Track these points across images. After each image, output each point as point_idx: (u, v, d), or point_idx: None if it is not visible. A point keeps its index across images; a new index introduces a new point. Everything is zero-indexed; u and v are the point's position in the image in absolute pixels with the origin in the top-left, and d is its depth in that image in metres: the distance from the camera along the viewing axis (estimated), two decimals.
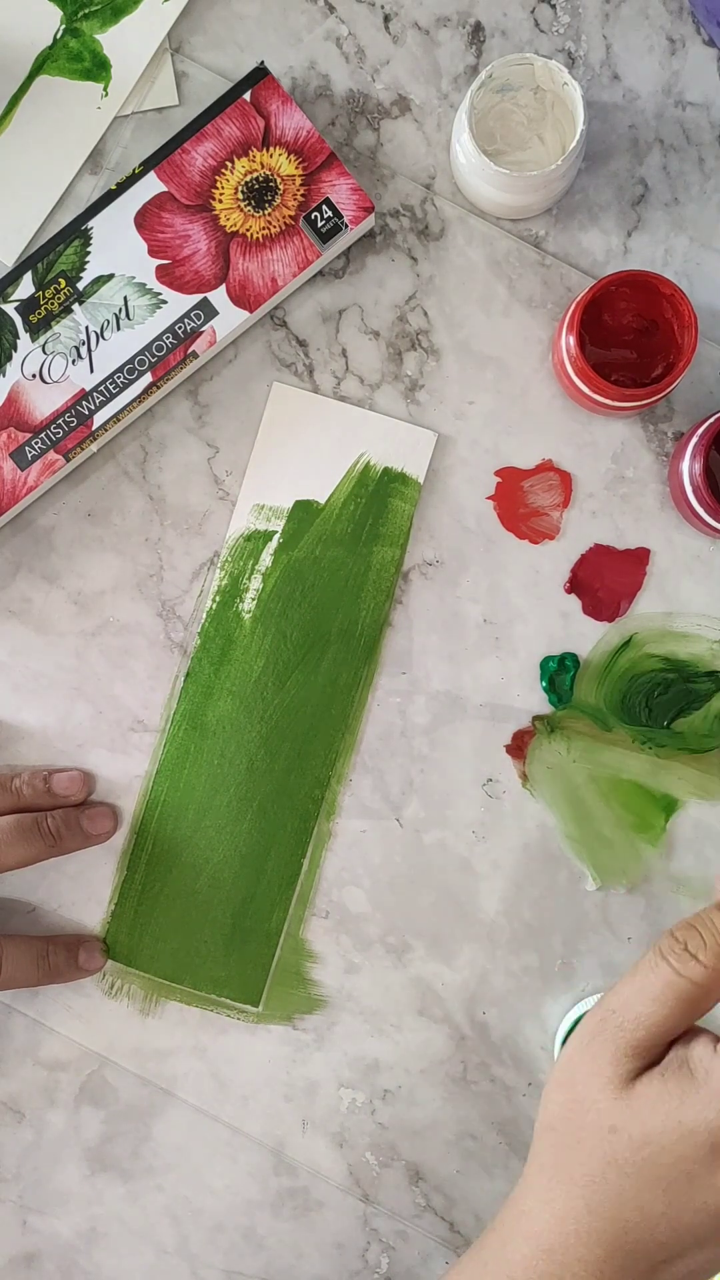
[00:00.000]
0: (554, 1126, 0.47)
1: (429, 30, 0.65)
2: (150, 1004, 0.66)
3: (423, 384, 0.65)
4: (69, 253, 0.63)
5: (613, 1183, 0.46)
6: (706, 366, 0.65)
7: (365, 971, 0.65)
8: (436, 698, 0.65)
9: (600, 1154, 0.46)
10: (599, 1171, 0.46)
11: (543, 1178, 0.47)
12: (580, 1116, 0.46)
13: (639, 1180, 0.45)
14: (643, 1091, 0.46)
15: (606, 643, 0.65)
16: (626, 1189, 0.45)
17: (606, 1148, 0.46)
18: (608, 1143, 0.46)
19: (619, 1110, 0.46)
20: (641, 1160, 0.45)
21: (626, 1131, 0.45)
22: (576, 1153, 0.46)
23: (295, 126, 0.62)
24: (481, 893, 0.65)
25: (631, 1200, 0.45)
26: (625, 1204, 0.45)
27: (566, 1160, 0.47)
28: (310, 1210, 0.66)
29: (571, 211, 0.65)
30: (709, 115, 0.65)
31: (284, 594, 0.65)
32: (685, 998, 0.46)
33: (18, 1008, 0.66)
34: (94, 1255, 0.66)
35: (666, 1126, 0.45)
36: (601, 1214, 0.46)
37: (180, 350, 0.63)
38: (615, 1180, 0.46)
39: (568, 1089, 0.47)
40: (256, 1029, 0.66)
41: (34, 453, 0.63)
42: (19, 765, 0.66)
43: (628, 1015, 0.46)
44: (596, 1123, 0.46)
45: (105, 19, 0.64)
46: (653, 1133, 0.45)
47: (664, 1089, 0.45)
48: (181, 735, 0.65)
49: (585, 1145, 0.46)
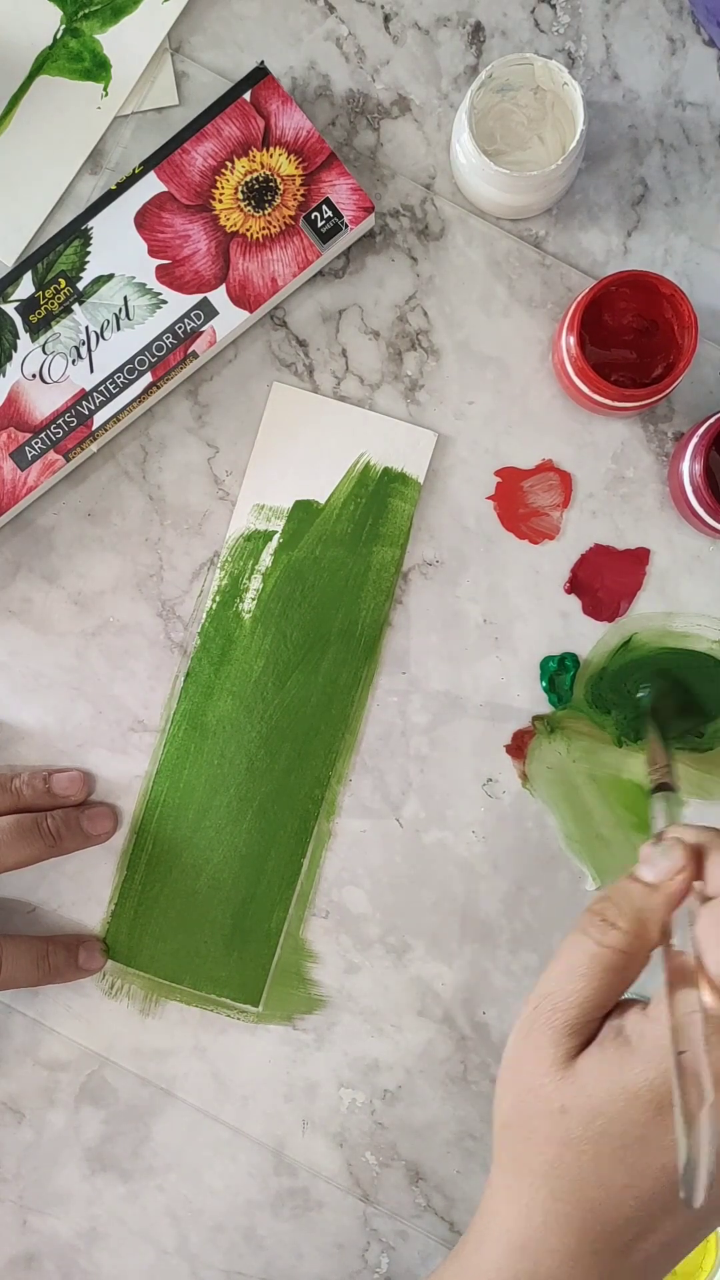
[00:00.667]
0: (508, 1123, 0.48)
1: (429, 30, 0.65)
2: (150, 1004, 0.66)
3: (423, 384, 0.65)
4: (69, 253, 0.63)
5: (571, 1163, 0.46)
6: (706, 367, 0.65)
7: (365, 971, 0.65)
8: (436, 697, 0.65)
9: (555, 1137, 0.46)
10: (556, 1155, 0.46)
11: (506, 1176, 0.48)
12: (530, 1105, 0.47)
13: (596, 1155, 0.45)
14: (584, 1067, 0.46)
15: (606, 643, 0.65)
16: (585, 1167, 0.45)
17: (560, 1130, 0.46)
18: (560, 1125, 0.46)
19: (565, 1090, 0.46)
20: (595, 1134, 0.45)
21: (575, 1109, 0.46)
22: (532, 1142, 0.47)
23: (295, 126, 0.62)
24: (481, 893, 0.65)
25: (592, 1178, 0.45)
26: (587, 1183, 0.46)
27: (524, 1152, 0.47)
28: (310, 1210, 0.66)
29: (571, 211, 0.65)
30: (709, 115, 0.65)
31: (284, 594, 0.65)
32: (610, 967, 0.46)
33: (18, 1008, 0.66)
34: (94, 1255, 0.66)
35: (612, 1095, 0.45)
36: (566, 1198, 0.46)
37: (180, 350, 0.63)
38: (573, 1160, 0.46)
39: (515, 1082, 0.48)
40: (256, 1029, 0.66)
41: (34, 453, 0.63)
42: (19, 765, 0.66)
43: (559, 996, 0.47)
44: (546, 1108, 0.46)
45: (105, 19, 0.64)
46: (600, 1104, 0.45)
47: (603, 1059, 0.46)
48: (181, 735, 0.65)
49: (539, 1132, 0.46)
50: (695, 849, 0.48)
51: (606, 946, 0.47)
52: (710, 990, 0.44)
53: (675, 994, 0.45)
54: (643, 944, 0.47)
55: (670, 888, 0.47)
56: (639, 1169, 0.45)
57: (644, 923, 0.47)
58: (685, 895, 0.47)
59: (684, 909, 0.47)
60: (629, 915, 0.47)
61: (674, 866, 0.48)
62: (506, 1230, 0.47)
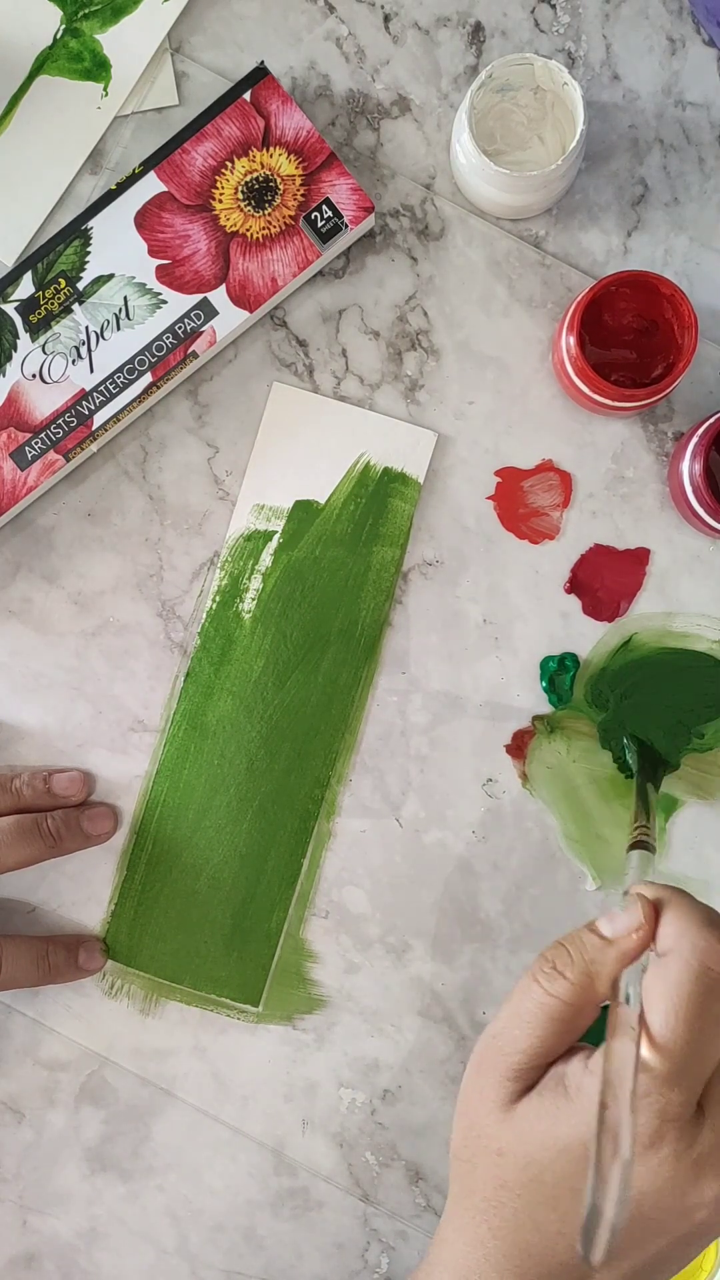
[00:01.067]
0: (458, 1154, 0.49)
1: (429, 30, 0.65)
2: (150, 1004, 0.66)
3: (423, 384, 0.65)
4: (69, 253, 0.63)
5: (507, 1205, 0.46)
6: (706, 367, 0.65)
7: (365, 971, 0.65)
8: (436, 697, 0.65)
9: (492, 1178, 0.47)
10: (494, 1195, 0.47)
11: (455, 1206, 0.48)
12: (474, 1142, 0.47)
13: (530, 1200, 0.46)
14: (523, 1113, 0.46)
15: (606, 643, 0.65)
16: (520, 1210, 0.46)
17: (497, 1171, 0.46)
18: (497, 1165, 0.46)
19: (503, 1133, 0.46)
20: (528, 1180, 0.46)
21: (511, 1153, 0.46)
22: (474, 1178, 0.47)
23: (295, 126, 0.62)
24: (481, 893, 0.65)
25: (527, 1221, 0.46)
26: (522, 1226, 0.46)
27: (469, 1186, 0.48)
28: (310, 1210, 0.66)
29: (571, 211, 0.65)
30: (709, 115, 0.65)
31: (284, 594, 0.65)
32: (556, 1017, 0.46)
33: (18, 1008, 0.66)
34: (94, 1255, 0.66)
35: (544, 1145, 0.45)
36: (503, 1237, 0.47)
37: (180, 350, 0.63)
38: (509, 1202, 0.46)
39: (464, 1116, 0.48)
40: (256, 1029, 0.66)
41: (34, 453, 0.63)
42: (19, 765, 0.66)
43: (506, 1039, 0.47)
44: (487, 1147, 0.47)
45: (105, 19, 0.64)
46: (534, 1152, 0.46)
47: (541, 1109, 0.46)
48: (181, 735, 0.65)
49: (480, 1170, 0.47)
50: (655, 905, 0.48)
51: (553, 996, 0.47)
52: (649, 1046, 0.44)
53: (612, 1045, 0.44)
54: (589, 997, 0.47)
55: (624, 944, 0.47)
56: (572, 1218, 0.45)
57: (592, 976, 0.47)
58: (639, 953, 0.47)
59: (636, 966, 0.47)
60: (579, 967, 0.47)
61: (631, 924, 0.47)
62: (453, 1260, 0.48)
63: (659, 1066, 0.44)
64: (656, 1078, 0.44)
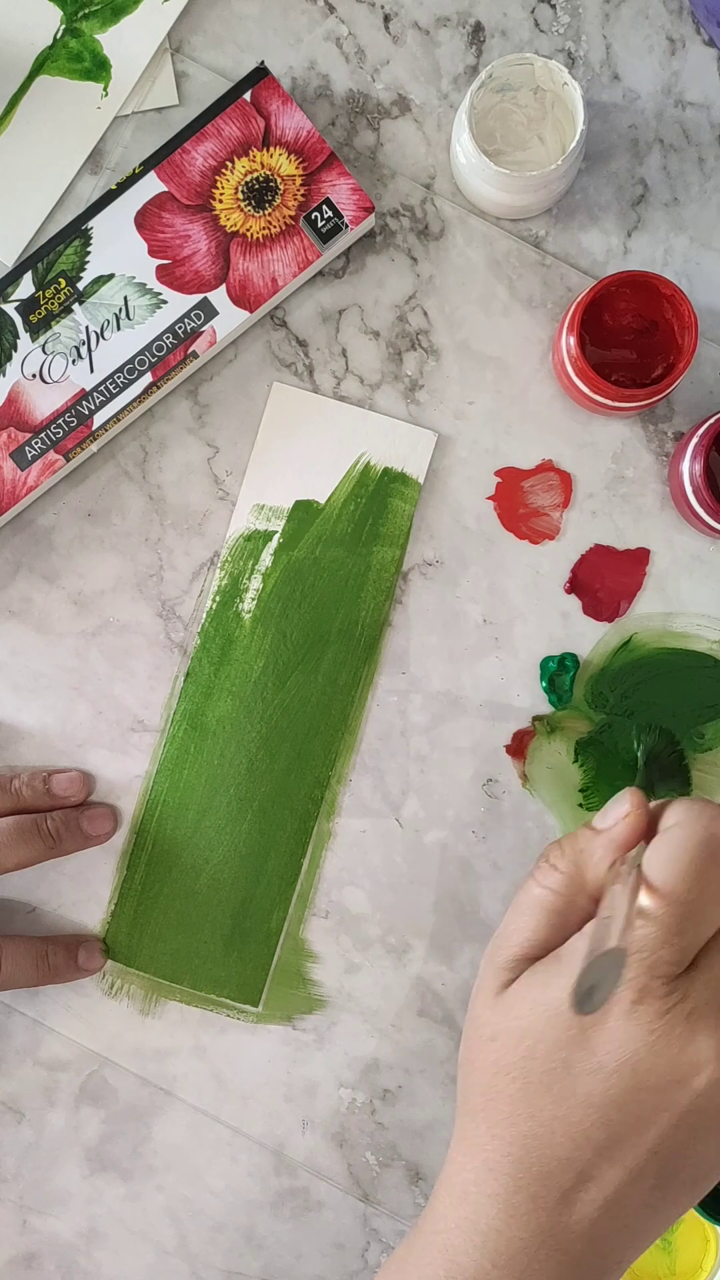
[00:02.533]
0: (460, 1064, 0.48)
1: (429, 30, 0.65)
2: (150, 1004, 0.66)
3: (423, 384, 0.65)
4: (69, 253, 0.63)
5: (503, 1092, 0.45)
6: (706, 367, 0.65)
7: (365, 971, 0.65)
8: (436, 697, 0.65)
9: (488, 1066, 0.46)
10: (489, 1085, 0.46)
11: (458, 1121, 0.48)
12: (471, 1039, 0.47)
13: (525, 1083, 0.45)
14: (515, 990, 0.46)
15: (606, 643, 0.65)
16: (515, 1095, 0.45)
17: (492, 1057, 0.46)
18: (491, 1052, 0.46)
19: (495, 1016, 0.46)
20: (521, 1058, 0.45)
21: (503, 1033, 0.46)
22: (472, 1077, 0.47)
23: (295, 126, 0.62)
24: (481, 893, 0.65)
25: (523, 1108, 0.45)
26: (518, 1114, 0.45)
27: (468, 1090, 0.47)
28: (310, 1210, 0.66)
29: (571, 211, 0.65)
30: (709, 115, 0.65)
31: (284, 594, 0.65)
32: (549, 908, 0.47)
33: (18, 1008, 0.66)
34: (94, 1255, 0.66)
35: (535, 1013, 0.45)
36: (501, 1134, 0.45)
37: (180, 350, 0.63)
38: (505, 1088, 0.45)
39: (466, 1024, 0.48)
40: (256, 1029, 0.66)
41: (34, 453, 0.63)
42: (19, 765, 0.66)
43: (504, 936, 0.48)
44: (481, 1036, 0.47)
45: (105, 19, 0.64)
46: (526, 1024, 0.45)
47: (532, 981, 0.46)
48: (181, 735, 0.65)
49: (476, 1065, 0.47)
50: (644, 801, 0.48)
51: (545, 888, 0.48)
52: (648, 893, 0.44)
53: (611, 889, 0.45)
54: (579, 886, 0.47)
55: (614, 832, 0.47)
56: (566, 1097, 0.44)
57: (581, 865, 0.48)
58: (630, 841, 0.47)
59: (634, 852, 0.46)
60: (569, 857, 0.48)
61: (619, 812, 0.48)
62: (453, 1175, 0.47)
63: (656, 912, 0.44)
64: (649, 935, 0.44)
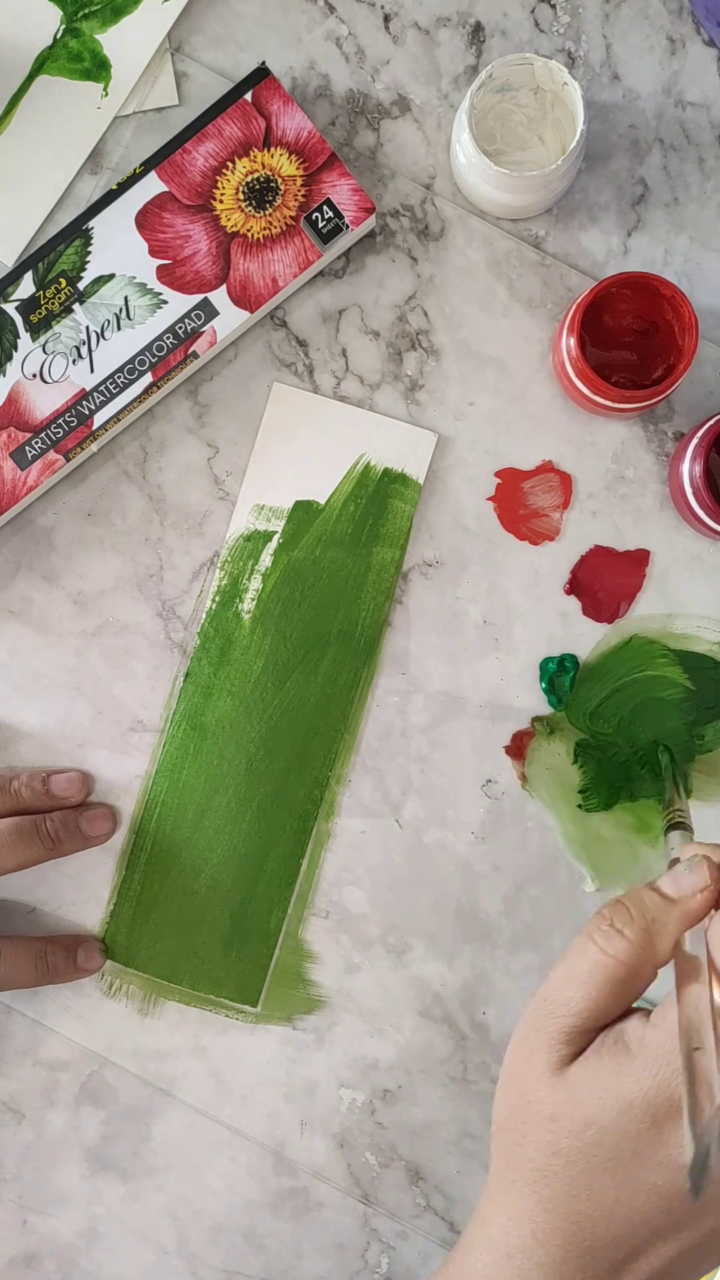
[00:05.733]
0: (504, 1125, 0.46)
1: (429, 30, 0.65)
2: (149, 1004, 0.66)
3: (423, 384, 0.65)
4: (69, 253, 0.63)
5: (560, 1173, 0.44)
6: (707, 367, 0.65)
7: (365, 971, 0.65)
8: (436, 698, 0.65)
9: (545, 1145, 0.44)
10: (545, 1164, 0.44)
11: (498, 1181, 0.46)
12: (523, 1111, 0.45)
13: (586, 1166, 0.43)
14: (578, 1074, 0.44)
15: (606, 644, 0.65)
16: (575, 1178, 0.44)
17: (550, 1138, 0.44)
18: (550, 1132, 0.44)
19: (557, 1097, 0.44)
20: (585, 1145, 0.43)
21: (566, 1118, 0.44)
22: (524, 1149, 0.45)
23: (296, 127, 0.62)
24: (481, 893, 0.65)
25: (582, 1190, 0.44)
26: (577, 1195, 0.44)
27: (516, 1158, 0.45)
28: (310, 1210, 0.66)
29: (571, 211, 0.65)
30: (709, 115, 0.65)
31: (284, 594, 0.65)
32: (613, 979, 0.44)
33: (17, 1008, 0.66)
34: (94, 1255, 0.66)
35: (604, 1104, 0.43)
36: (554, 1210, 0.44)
37: (180, 350, 0.63)
38: (562, 1170, 0.44)
39: (511, 1085, 0.46)
40: (256, 1029, 0.66)
41: (34, 452, 0.63)
42: (19, 766, 0.66)
43: (558, 1001, 0.45)
44: (538, 1114, 0.44)
45: (105, 19, 0.64)
46: (592, 1114, 0.43)
47: (599, 1068, 0.44)
48: (181, 735, 0.65)
49: (530, 1139, 0.45)
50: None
51: (610, 955, 0.44)
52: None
53: (687, 990, 0.42)
54: (648, 958, 0.45)
55: (689, 904, 0.45)
56: (630, 1184, 0.43)
57: (653, 935, 0.45)
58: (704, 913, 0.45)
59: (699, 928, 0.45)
60: (639, 925, 0.45)
61: (698, 883, 0.45)
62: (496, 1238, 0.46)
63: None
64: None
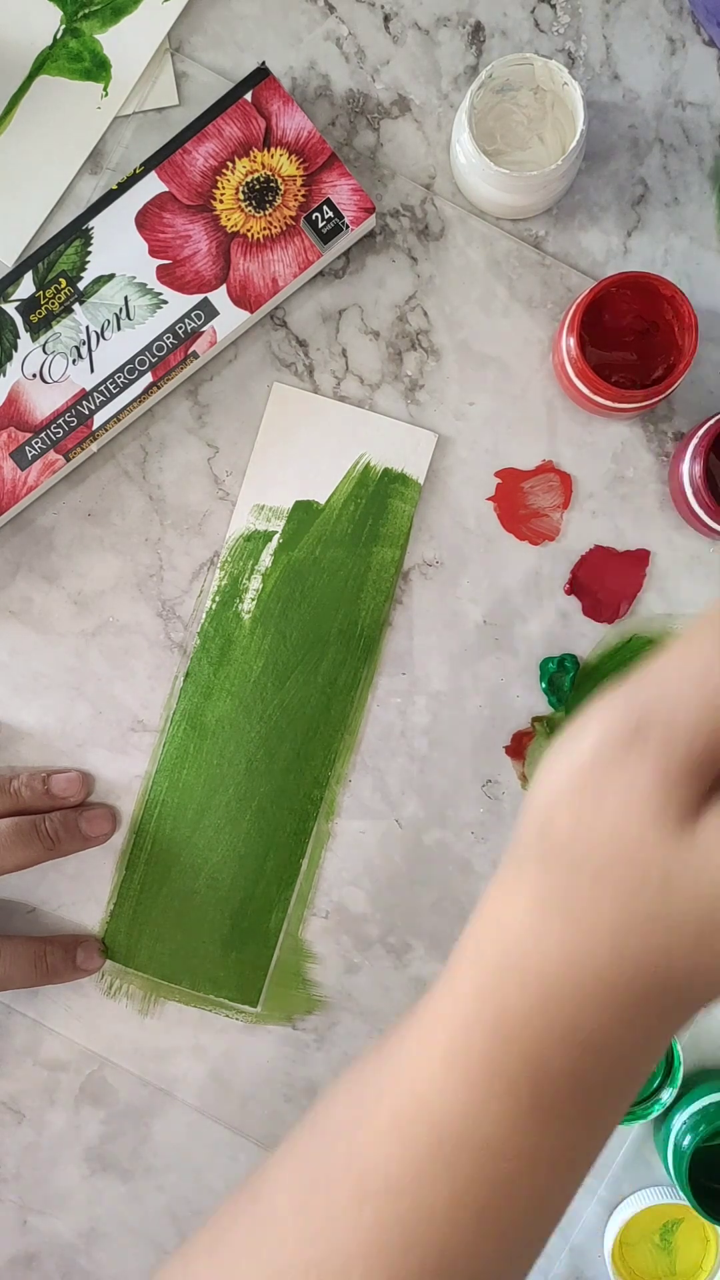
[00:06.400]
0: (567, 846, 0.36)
1: (429, 30, 0.65)
2: (149, 1004, 0.66)
3: (423, 384, 0.65)
4: (69, 253, 0.63)
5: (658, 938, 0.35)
6: (707, 367, 0.65)
7: (365, 971, 0.65)
8: (436, 698, 0.65)
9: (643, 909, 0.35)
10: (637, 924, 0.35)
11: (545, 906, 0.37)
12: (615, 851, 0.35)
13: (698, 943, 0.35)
14: (709, 842, 0.34)
15: (606, 644, 0.65)
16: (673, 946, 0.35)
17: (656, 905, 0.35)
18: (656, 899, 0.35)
19: (677, 860, 0.34)
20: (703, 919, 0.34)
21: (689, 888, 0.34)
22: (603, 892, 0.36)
23: (296, 127, 0.62)
24: (481, 893, 0.65)
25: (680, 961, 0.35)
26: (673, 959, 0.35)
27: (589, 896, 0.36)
28: None
29: (571, 211, 0.65)
30: (709, 115, 0.65)
31: (283, 594, 0.65)
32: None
33: (17, 1008, 0.66)
34: (94, 1255, 0.66)
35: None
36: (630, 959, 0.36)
37: (180, 350, 0.63)
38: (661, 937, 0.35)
39: (591, 807, 0.36)
40: (256, 1029, 0.66)
41: (34, 452, 0.63)
42: (18, 766, 0.66)
43: (677, 720, 0.34)
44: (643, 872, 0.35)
45: (105, 19, 0.64)
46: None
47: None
48: (181, 735, 0.65)
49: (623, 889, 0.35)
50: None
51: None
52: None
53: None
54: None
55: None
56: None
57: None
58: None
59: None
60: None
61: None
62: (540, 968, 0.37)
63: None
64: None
